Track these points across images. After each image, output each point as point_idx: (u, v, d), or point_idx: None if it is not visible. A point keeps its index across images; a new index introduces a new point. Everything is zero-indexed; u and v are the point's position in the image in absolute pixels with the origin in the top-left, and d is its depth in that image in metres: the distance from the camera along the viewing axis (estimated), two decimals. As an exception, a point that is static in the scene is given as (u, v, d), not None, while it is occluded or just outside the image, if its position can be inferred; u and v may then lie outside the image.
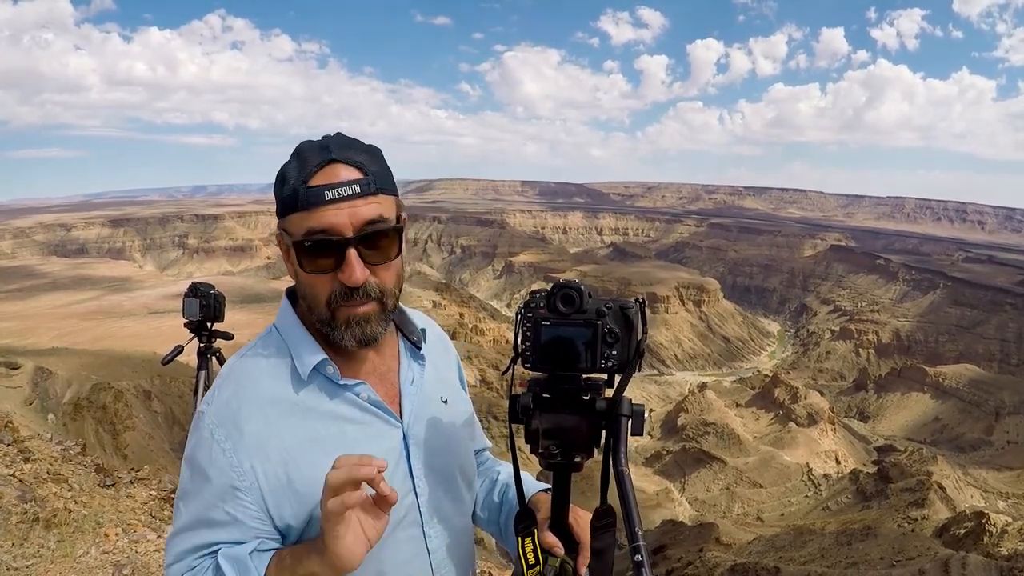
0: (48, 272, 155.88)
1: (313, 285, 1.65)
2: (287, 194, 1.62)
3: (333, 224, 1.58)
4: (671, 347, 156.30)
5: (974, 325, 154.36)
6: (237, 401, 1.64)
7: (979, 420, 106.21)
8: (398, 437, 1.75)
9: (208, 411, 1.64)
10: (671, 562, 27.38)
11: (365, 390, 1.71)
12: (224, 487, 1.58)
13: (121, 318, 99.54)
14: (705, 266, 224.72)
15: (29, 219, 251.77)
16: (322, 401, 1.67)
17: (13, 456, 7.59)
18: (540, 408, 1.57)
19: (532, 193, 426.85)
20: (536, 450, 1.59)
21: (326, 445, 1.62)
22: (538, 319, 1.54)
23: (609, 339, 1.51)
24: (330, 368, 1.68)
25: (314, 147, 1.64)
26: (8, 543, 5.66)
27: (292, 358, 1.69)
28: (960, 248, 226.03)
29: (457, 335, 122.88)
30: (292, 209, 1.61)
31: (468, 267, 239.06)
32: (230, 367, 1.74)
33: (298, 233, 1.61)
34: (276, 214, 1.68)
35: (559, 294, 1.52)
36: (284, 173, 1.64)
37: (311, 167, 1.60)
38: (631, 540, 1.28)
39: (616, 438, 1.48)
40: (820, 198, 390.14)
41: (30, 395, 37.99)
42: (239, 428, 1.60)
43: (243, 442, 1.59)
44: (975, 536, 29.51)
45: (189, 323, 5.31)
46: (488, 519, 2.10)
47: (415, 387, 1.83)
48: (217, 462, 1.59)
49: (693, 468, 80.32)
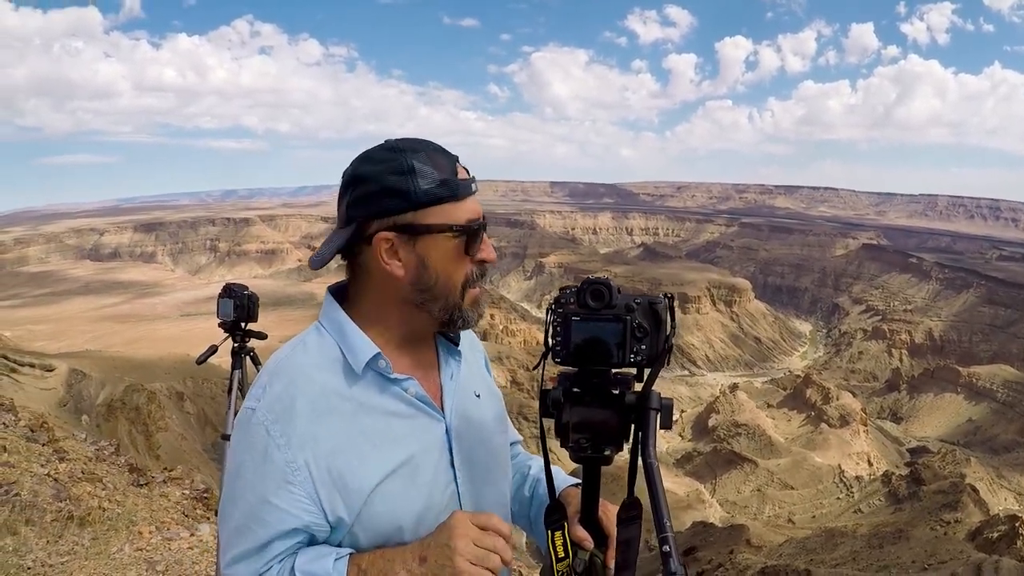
0: (81, 276, 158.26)
1: (455, 272, 1.72)
2: (434, 185, 1.65)
3: (478, 212, 1.73)
4: (702, 348, 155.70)
5: (1008, 324, 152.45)
6: (290, 396, 1.63)
7: (1013, 421, 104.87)
8: (441, 431, 1.78)
9: (259, 407, 1.63)
10: (701, 564, 27.29)
11: (413, 385, 1.74)
12: (278, 482, 1.58)
13: (153, 321, 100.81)
14: (736, 266, 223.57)
15: (61, 224, 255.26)
16: (372, 395, 1.69)
17: (48, 456, 7.73)
18: (570, 402, 1.57)
19: (561, 194, 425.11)
20: (566, 444, 1.59)
21: (374, 438, 1.66)
22: (568, 314, 1.55)
23: (638, 334, 1.52)
24: (382, 362, 1.69)
25: (431, 145, 1.71)
26: (43, 540, 5.79)
27: (343, 352, 1.70)
28: (994, 246, 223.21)
29: (488, 336, 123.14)
30: (444, 199, 1.66)
31: (498, 268, 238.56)
32: (277, 363, 1.72)
33: (458, 220, 1.69)
34: (394, 209, 1.67)
35: (589, 289, 1.53)
36: (417, 167, 1.66)
37: (452, 162, 1.70)
38: (659, 531, 1.27)
39: (645, 431, 1.48)
40: (852, 196, 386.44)
41: (64, 396, 38.55)
42: (293, 423, 1.60)
43: (296, 437, 1.60)
44: (1009, 540, 29.29)
45: (223, 323, 5.37)
46: (519, 512, 2.15)
47: (454, 382, 1.87)
48: (272, 458, 1.59)
49: (724, 469, 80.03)
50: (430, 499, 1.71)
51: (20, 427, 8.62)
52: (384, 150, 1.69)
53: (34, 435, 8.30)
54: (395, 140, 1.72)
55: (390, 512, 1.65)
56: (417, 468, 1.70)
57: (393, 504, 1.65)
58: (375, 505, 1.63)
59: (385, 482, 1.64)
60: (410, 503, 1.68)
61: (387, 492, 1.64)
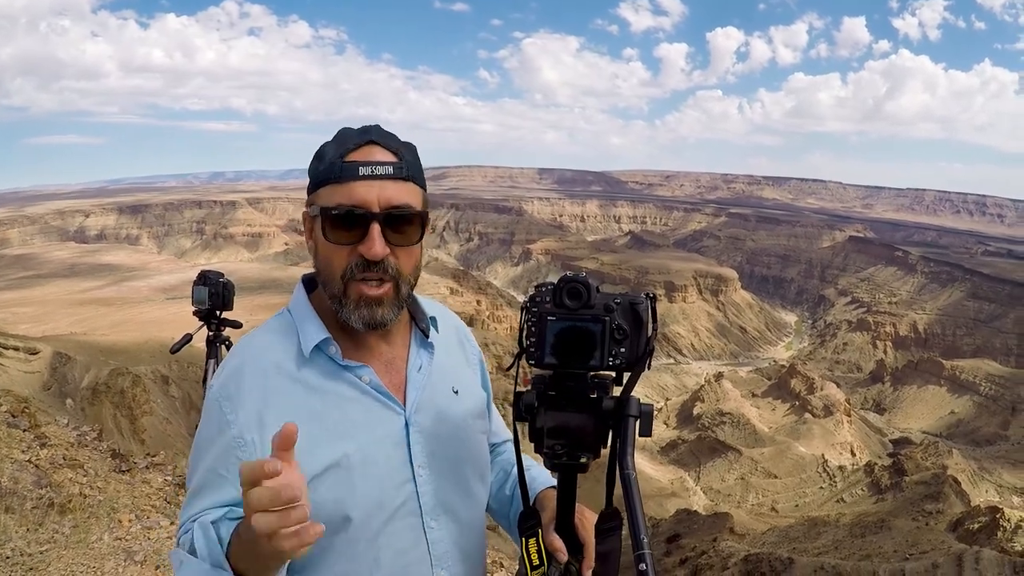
0: (65, 258, 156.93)
1: (331, 257, 1.65)
2: (322, 168, 1.65)
3: (363, 198, 1.60)
4: (688, 336, 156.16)
5: (992, 319, 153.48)
6: (240, 374, 1.64)
7: (995, 415, 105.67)
8: (399, 424, 1.70)
9: (215, 383, 1.66)
10: (685, 551, 27.36)
11: (368, 373, 1.68)
12: (224, 454, 1.59)
13: (139, 304, 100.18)
14: (723, 256, 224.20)
15: (46, 205, 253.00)
16: (323, 380, 1.65)
17: (29, 442, 7.65)
18: (545, 406, 1.52)
19: (549, 181, 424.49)
20: (540, 449, 1.54)
21: (327, 422, 1.61)
22: (543, 314, 1.48)
23: (618, 336, 1.46)
24: (332, 348, 1.67)
25: (355, 131, 1.68)
26: (23, 528, 5.72)
27: (298, 336, 1.68)
28: (979, 241, 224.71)
29: (474, 323, 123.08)
30: (326, 181, 1.64)
31: (485, 254, 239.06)
32: (239, 343, 1.77)
33: (327, 203, 1.63)
34: (307, 190, 1.72)
35: (565, 288, 1.47)
36: (322, 150, 1.67)
37: (350, 144, 1.64)
38: (636, 548, 1.23)
39: (623, 439, 1.42)
40: (839, 189, 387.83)
41: (48, 380, 38.26)
42: (241, 398, 1.60)
43: (243, 413, 1.59)
44: (989, 531, 29.41)
45: (198, 311, 5.33)
46: (499, 511, 2.10)
47: (422, 374, 1.78)
48: (223, 431, 1.59)
49: (708, 458, 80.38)
50: (382, 494, 1.64)
51: (1, 412, 8.54)
52: None
53: (15, 420, 8.21)
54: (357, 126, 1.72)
55: (335, 501, 1.59)
56: (367, 460, 1.63)
57: (338, 493, 1.59)
58: (319, 491, 1.56)
59: (331, 469, 1.59)
60: (358, 495, 1.61)
61: (332, 479, 1.59)
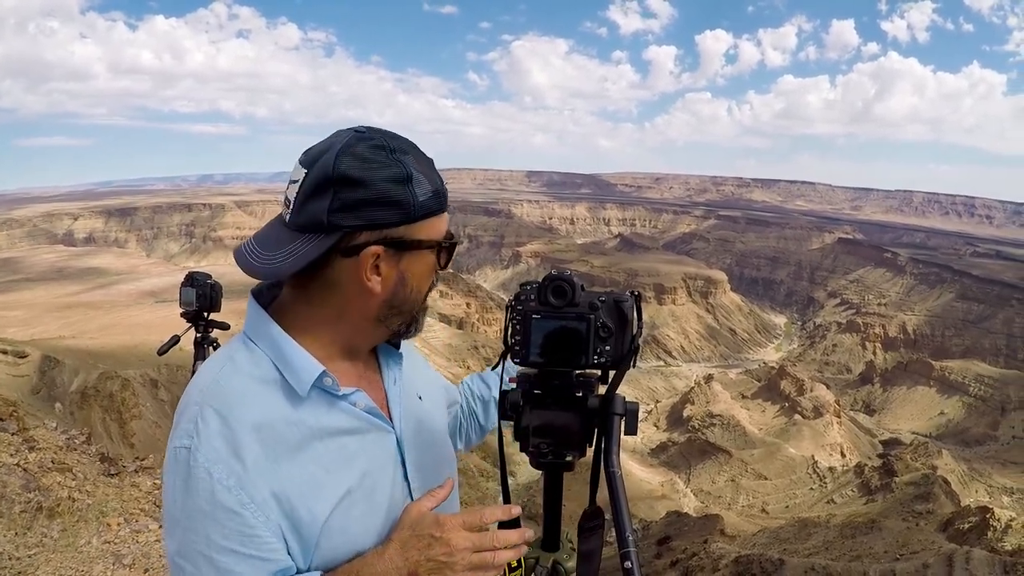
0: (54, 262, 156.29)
1: (425, 286, 1.59)
2: (428, 197, 1.49)
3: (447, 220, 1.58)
4: (678, 339, 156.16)
5: (981, 320, 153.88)
6: (231, 431, 1.41)
7: (985, 415, 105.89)
8: (392, 442, 1.63)
9: (197, 446, 1.40)
10: (675, 553, 27.35)
11: (361, 398, 1.57)
12: (239, 531, 1.38)
13: (127, 307, 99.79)
14: (712, 258, 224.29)
15: (35, 208, 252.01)
16: (320, 416, 1.50)
17: (18, 445, 7.60)
18: (530, 405, 1.50)
19: (538, 184, 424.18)
20: (526, 448, 1.52)
21: (327, 463, 1.48)
22: (528, 312, 1.47)
23: (603, 334, 1.45)
24: (328, 380, 1.50)
25: (412, 145, 1.53)
26: (11, 532, 5.69)
27: (281, 372, 1.49)
28: (968, 243, 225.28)
29: (464, 325, 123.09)
30: (435, 213, 1.52)
31: (475, 257, 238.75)
32: (207, 388, 1.47)
33: (440, 234, 1.54)
34: (389, 222, 1.46)
35: (550, 286, 1.45)
36: (414, 175, 1.47)
37: (434, 167, 1.54)
38: (621, 546, 1.22)
39: (608, 437, 1.41)
40: (828, 191, 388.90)
41: (37, 384, 38.21)
42: (240, 460, 1.39)
43: (247, 475, 1.39)
44: (979, 531, 29.46)
45: (186, 313, 5.30)
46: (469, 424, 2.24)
47: (398, 388, 1.71)
48: (224, 503, 1.37)
49: (698, 460, 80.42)
50: (389, 518, 1.56)
51: (-11, 416, 8.48)
52: (373, 148, 1.45)
53: (3, 424, 8.16)
54: (376, 133, 1.49)
55: (350, 541, 1.49)
56: (373, 487, 1.55)
57: (352, 531, 1.50)
58: (333, 535, 1.46)
59: (340, 507, 1.47)
60: (369, 526, 1.53)
61: (344, 518, 1.48)
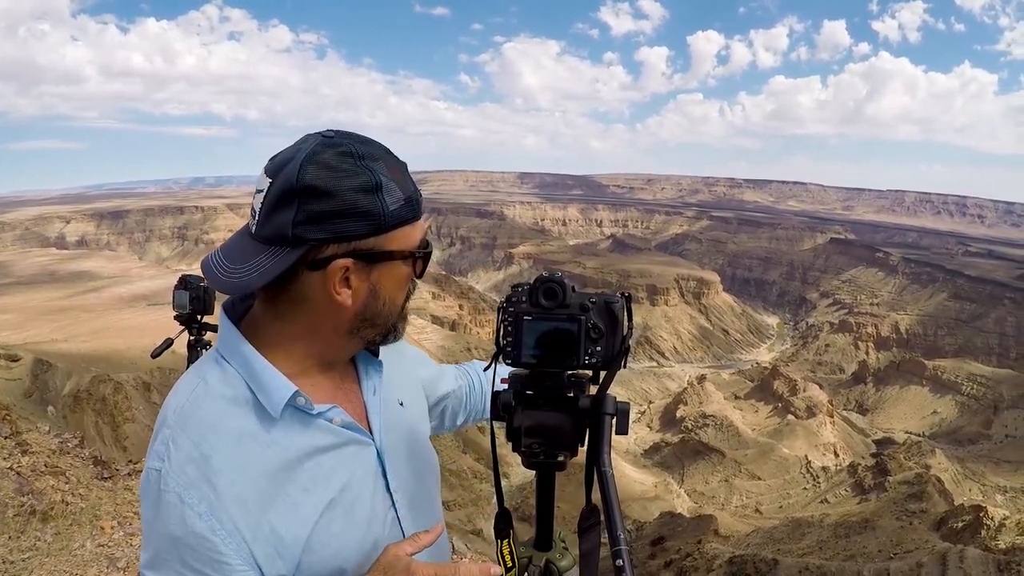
0: (45, 264, 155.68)
1: (400, 296, 1.55)
2: (400, 205, 1.44)
3: (423, 227, 1.54)
4: (670, 340, 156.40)
5: (973, 319, 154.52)
6: (202, 456, 1.37)
7: (977, 414, 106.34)
8: (373, 455, 1.59)
9: (168, 470, 1.36)
10: (670, 554, 27.42)
11: (337, 413, 1.52)
12: (209, 557, 1.34)
13: (120, 310, 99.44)
14: (705, 258, 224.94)
15: (26, 211, 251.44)
16: (295, 436, 1.45)
17: (11, 449, 7.59)
18: (522, 405, 1.50)
19: (530, 185, 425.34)
20: (518, 448, 1.51)
21: (303, 481, 1.44)
22: (520, 314, 1.46)
23: (593, 334, 1.44)
24: (301, 399, 1.45)
25: (383, 149, 1.47)
26: (5, 536, 5.68)
27: (253, 392, 1.45)
28: (960, 242, 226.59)
29: (456, 327, 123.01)
30: (407, 221, 1.47)
31: (467, 259, 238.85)
32: (179, 410, 1.43)
33: (413, 244, 1.50)
34: (358, 233, 1.41)
35: (541, 288, 1.44)
36: (384, 183, 1.42)
37: (407, 173, 1.49)
38: (613, 544, 1.22)
39: (599, 437, 1.41)
40: (820, 191, 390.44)
41: (30, 387, 38.05)
42: (212, 485, 1.35)
43: (220, 501, 1.35)
44: (973, 530, 29.58)
45: (179, 315, 5.28)
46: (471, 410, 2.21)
47: (377, 397, 1.66)
48: (195, 529, 1.33)
49: (692, 460, 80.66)
50: (371, 532, 1.53)
51: (-19, 420, 8.46)
52: (340, 155, 1.39)
53: (-5, 427, 8.14)
54: (345, 139, 1.43)
55: (332, 556, 1.45)
56: (354, 502, 1.51)
57: (334, 547, 1.46)
58: (314, 552, 1.43)
59: (320, 524, 1.44)
60: (351, 542, 1.49)
61: (325, 534, 1.44)
